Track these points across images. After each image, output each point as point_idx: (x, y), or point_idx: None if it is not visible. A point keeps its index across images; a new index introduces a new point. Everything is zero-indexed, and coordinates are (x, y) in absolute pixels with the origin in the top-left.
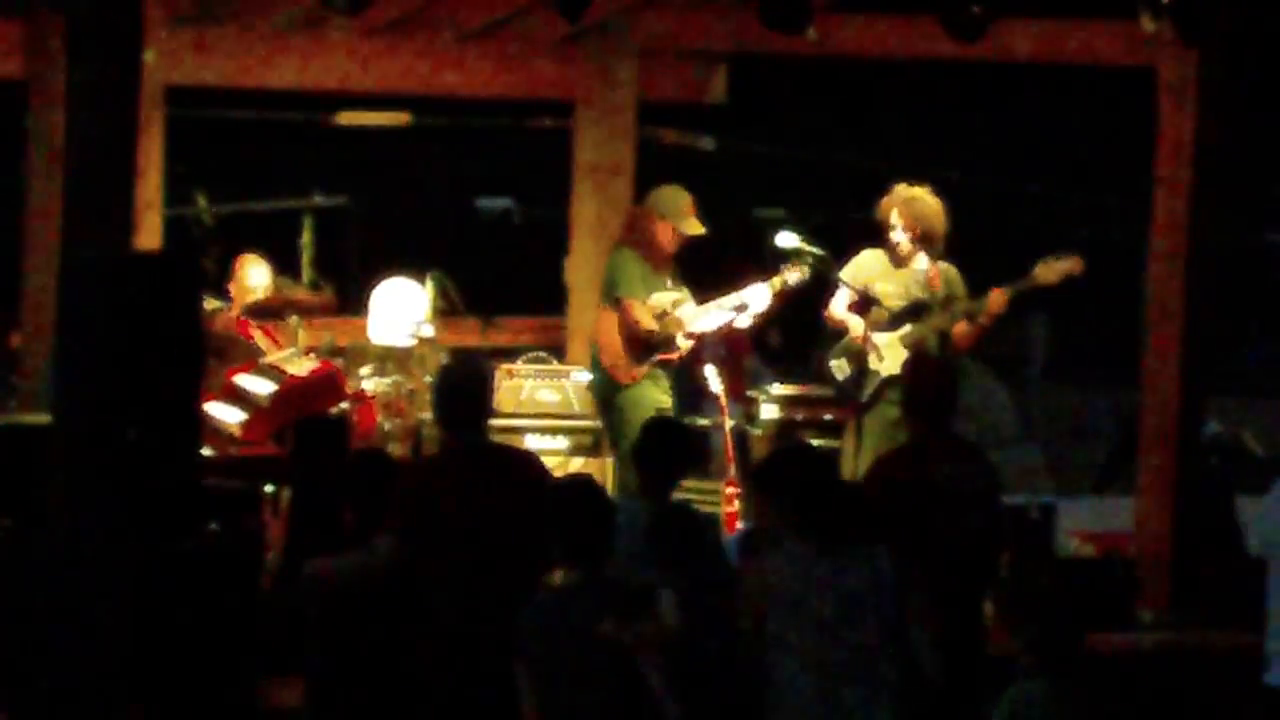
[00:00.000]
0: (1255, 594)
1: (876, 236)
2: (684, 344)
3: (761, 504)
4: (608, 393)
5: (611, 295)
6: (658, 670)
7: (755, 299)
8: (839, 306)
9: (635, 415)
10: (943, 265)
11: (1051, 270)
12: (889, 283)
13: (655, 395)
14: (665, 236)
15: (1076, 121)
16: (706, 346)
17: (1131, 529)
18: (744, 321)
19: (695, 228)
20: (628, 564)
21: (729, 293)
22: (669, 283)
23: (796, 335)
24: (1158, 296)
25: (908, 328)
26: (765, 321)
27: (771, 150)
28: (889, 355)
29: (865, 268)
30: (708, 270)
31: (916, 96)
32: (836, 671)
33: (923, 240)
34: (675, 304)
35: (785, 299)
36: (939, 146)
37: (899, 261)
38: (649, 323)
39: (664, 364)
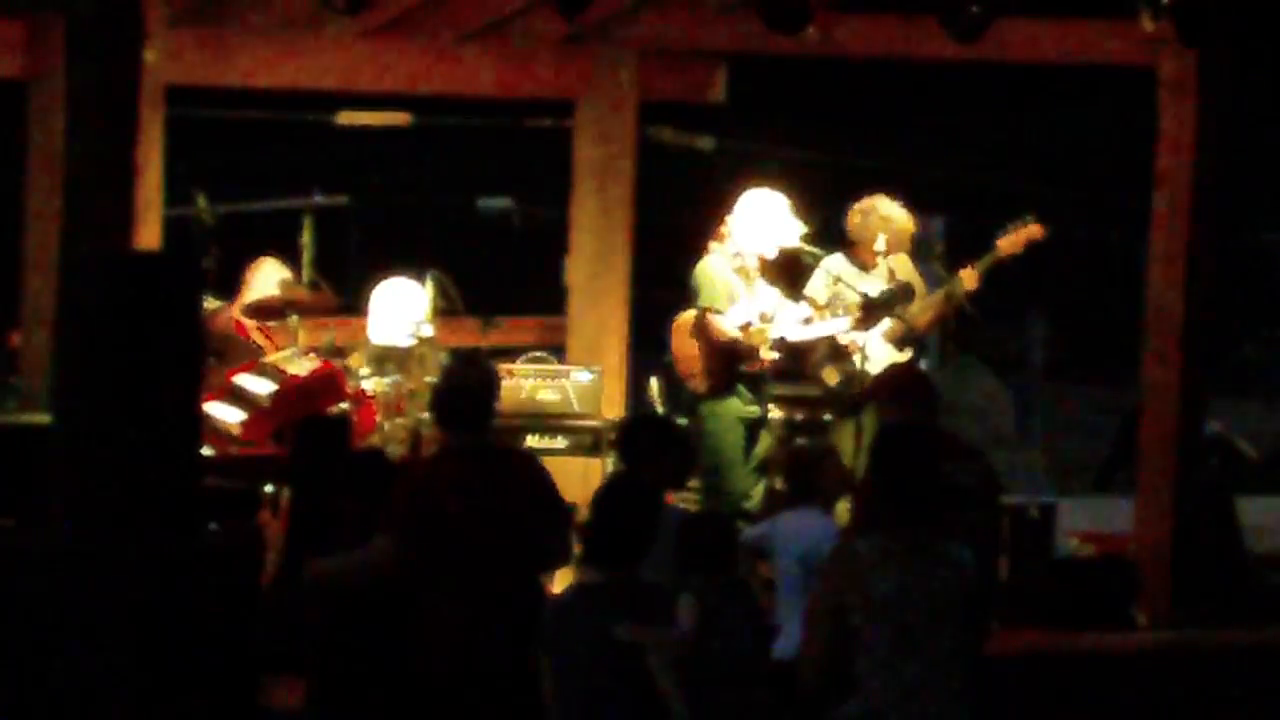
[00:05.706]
0: (1255, 594)
1: None
2: (768, 355)
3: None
4: (690, 401)
5: (694, 304)
6: (668, 673)
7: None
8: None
9: (716, 426)
10: (896, 257)
11: (1014, 239)
12: (863, 285)
13: (736, 405)
14: (752, 244)
15: (1076, 121)
16: None
17: (1131, 529)
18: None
19: (775, 240)
20: (659, 567)
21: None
22: (759, 291)
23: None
24: (1157, 297)
25: (887, 323)
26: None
27: (771, 150)
28: (874, 353)
29: (842, 274)
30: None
31: (916, 96)
32: (914, 680)
33: (898, 249)
34: (763, 316)
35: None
36: (939, 146)
37: (865, 265)
38: (730, 333)
39: (749, 375)
